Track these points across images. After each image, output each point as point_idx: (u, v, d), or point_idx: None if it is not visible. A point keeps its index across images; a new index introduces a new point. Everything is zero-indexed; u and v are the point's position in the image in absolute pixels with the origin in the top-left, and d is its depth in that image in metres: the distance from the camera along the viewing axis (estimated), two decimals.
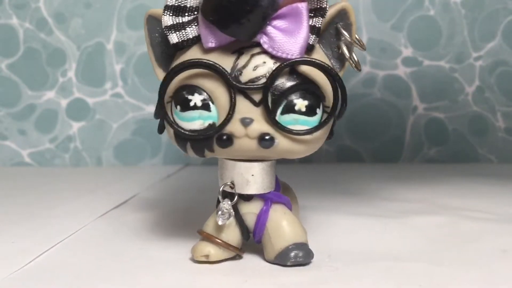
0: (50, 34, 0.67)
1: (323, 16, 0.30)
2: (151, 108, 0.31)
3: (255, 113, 0.29)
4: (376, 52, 0.65)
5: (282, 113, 0.29)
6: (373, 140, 0.67)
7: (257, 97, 0.29)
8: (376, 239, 0.36)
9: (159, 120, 0.32)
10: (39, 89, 0.67)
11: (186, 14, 0.30)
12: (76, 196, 0.51)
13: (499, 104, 0.65)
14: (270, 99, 0.29)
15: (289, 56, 0.29)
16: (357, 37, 0.31)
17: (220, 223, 0.31)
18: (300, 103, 0.29)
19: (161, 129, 0.33)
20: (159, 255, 0.34)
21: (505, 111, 0.65)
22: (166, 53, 0.31)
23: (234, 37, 0.29)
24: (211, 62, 0.29)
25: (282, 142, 0.30)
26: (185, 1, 0.30)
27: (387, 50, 0.65)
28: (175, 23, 0.30)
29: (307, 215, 0.42)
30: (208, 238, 0.32)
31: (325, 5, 0.29)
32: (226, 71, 0.29)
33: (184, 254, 0.33)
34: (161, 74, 0.32)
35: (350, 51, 0.31)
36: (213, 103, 0.30)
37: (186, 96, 0.30)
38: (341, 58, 0.31)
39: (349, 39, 0.30)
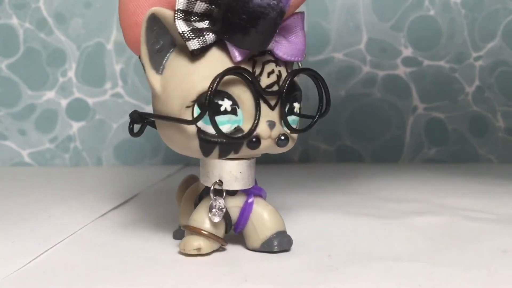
0: (50, 34, 0.67)
1: None
2: (151, 108, 0.31)
3: (274, 116, 0.32)
4: (376, 52, 0.65)
5: (287, 114, 0.33)
6: (373, 140, 0.67)
7: (272, 101, 0.32)
8: (376, 239, 0.37)
9: (141, 125, 0.33)
10: (39, 89, 0.67)
11: (198, 19, 0.30)
12: (76, 196, 0.51)
13: (499, 104, 0.65)
14: (282, 102, 0.32)
15: (296, 59, 0.32)
16: None
17: (216, 220, 0.33)
18: (297, 106, 0.33)
19: (137, 133, 0.33)
20: (159, 256, 0.34)
21: (505, 111, 0.65)
22: (159, 55, 0.31)
23: (248, 50, 0.30)
24: (246, 70, 0.31)
25: (290, 139, 0.33)
26: (193, 6, 0.30)
27: (387, 50, 0.65)
28: (191, 28, 0.30)
29: (307, 214, 0.42)
30: (196, 231, 0.33)
31: None
32: (258, 78, 0.31)
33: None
34: (153, 75, 0.32)
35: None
36: (238, 107, 0.31)
37: (216, 101, 0.31)
38: None
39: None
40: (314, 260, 0.32)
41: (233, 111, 0.31)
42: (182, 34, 0.30)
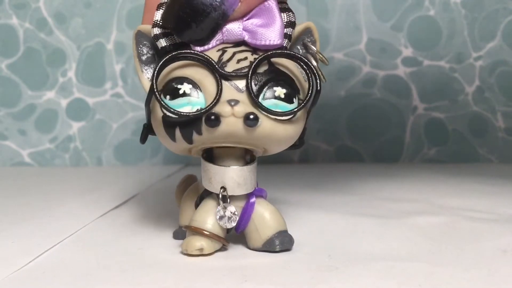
0: (50, 34, 0.67)
1: (293, 27, 0.34)
2: None
3: (240, 97, 0.32)
4: (376, 52, 0.65)
5: (264, 98, 0.32)
6: (373, 140, 0.67)
7: (241, 84, 0.32)
8: (376, 239, 0.37)
9: (142, 130, 0.36)
10: (39, 89, 0.67)
11: None
12: (76, 196, 0.51)
13: (499, 104, 0.65)
14: (252, 85, 0.32)
15: (271, 43, 0.33)
16: (321, 53, 0.35)
17: (230, 226, 0.33)
18: (280, 90, 0.32)
19: (144, 139, 0.36)
20: (159, 255, 0.34)
21: (505, 111, 0.65)
22: (153, 63, 0.35)
23: (189, 43, 0.33)
24: (200, 54, 0.32)
25: (265, 122, 0.32)
26: None
27: (387, 50, 0.65)
28: (163, 31, 0.33)
29: (307, 214, 0.42)
30: (198, 232, 0.33)
31: (293, 20, 0.34)
32: (213, 60, 0.32)
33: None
34: (147, 83, 0.34)
35: (317, 63, 0.34)
36: (200, 91, 0.32)
37: (175, 86, 0.32)
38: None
39: (315, 52, 0.34)
40: (314, 260, 0.32)
41: (193, 94, 0.32)
42: (154, 37, 0.33)
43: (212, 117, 0.31)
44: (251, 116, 0.31)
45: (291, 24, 0.34)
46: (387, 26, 0.65)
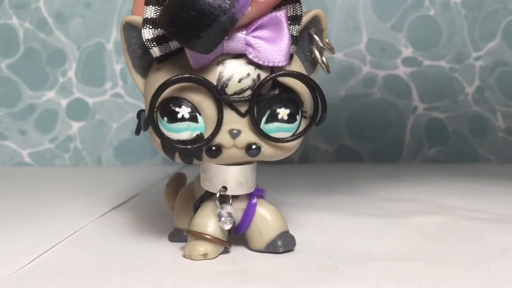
0: (50, 34, 0.67)
1: (299, 23, 0.31)
2: None
3: (242, 123, 0.31)
4: (376, 52, 0.65)
5: (266, 122, 0.31)
6: (373, 140, 0.67)
7: (243, 108, 0.31)
8: (376, 239, 0.37)
9: (137, 121, 0.34)
10: (39, 89, 0.67)
11: None
12: (76, 196, 0.51)
13: (499, 104, 0.65)
14: (255, 109, 0.30)
15: (275, 64, 0.30)
16: (327, 41, 0.33)
17: (227, 227, 0.32)
18: (283, 112, 0.31)
19: (138, 131, 0.34)
20: (159, 256, 0.34)
21: (505, 111, 0.65)
22: (144, 59, 0.32)
23: (192, 50, 0.29)
24: (200, 77, 0.30)
25: (267, 150, 0.32)
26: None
27: (387, 50, 0.65)
28: (155, 36, 0.30)
29: (307, 214, 0.42)
30: (200, 236, 0.33)
31: (300, 13, 0.31)
32: (213, 84, 0.30)
33: None
34: (139, 80, 0.32)
35: (321, 55, 0.33)
36: (200, 114, 0.31)
37: (173, 108, 0.30)
38: (312, 62, 0.33)
39: (321, 44, 0.32)
40: (314, 260, 0.32)
41: (193, 118, 0.30)
42: (146, 43, 0.30)
43: (213, 148, 0.31)
44: (253, 147, 0.31)
45: (296, 19, 0.31)
46: (387, 26, 0.65)
